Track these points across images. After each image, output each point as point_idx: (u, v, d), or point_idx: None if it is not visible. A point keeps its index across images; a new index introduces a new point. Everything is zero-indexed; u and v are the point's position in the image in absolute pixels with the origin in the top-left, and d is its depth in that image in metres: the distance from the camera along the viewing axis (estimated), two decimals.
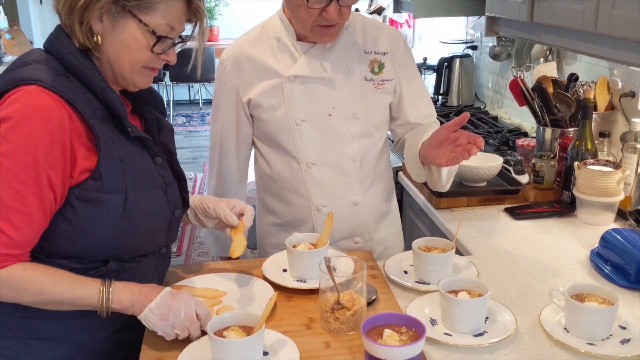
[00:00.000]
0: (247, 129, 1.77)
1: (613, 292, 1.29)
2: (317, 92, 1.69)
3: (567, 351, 1.23)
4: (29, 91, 1.14)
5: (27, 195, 1.14)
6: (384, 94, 1.76)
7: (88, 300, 1.20)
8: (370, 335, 1.17)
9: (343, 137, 1.73)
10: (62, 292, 1.18)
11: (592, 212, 1.85)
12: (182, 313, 1.21)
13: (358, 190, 1.77)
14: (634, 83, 2.08)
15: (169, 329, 1.21)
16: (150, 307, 1.21)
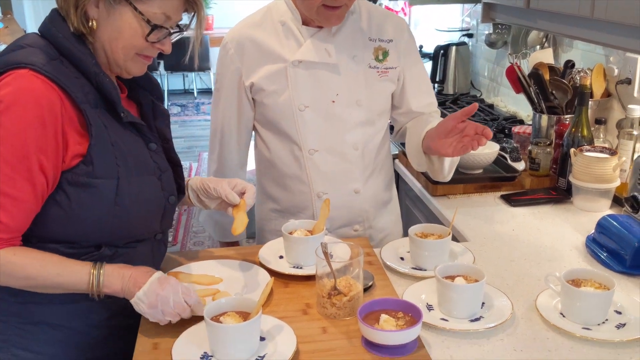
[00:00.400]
0: (248, 114, 1.76)
1: (609, 277, 1.29)
2: (321, 78, 1.68)
3: (563, 335, 1.24)
4: (20, 75, 1.13)
5: (17, 180, 1.13)
6: (387, 81, 1.75)
7: (78, 285, 1.20)
8: (367, 321, 1.17)
9: (346, 124, 1.72)
10: (52, 277, 1.18)
11: (588, 198, 1.85)
12: (170, 301, 1.20)
13: (359, 178, 1.77)
14: (630, 70, 2.07)
15: (160, 315, 1.20)
16: (138, 296, 1.20)
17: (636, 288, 1.43)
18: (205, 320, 1.12)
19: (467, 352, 1.19)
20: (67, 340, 1.28)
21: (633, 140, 1.88)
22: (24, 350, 1.25)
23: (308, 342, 1.19)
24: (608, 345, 1.20)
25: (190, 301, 1.23)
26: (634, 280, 1.46)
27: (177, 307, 1.21)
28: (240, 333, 1.11)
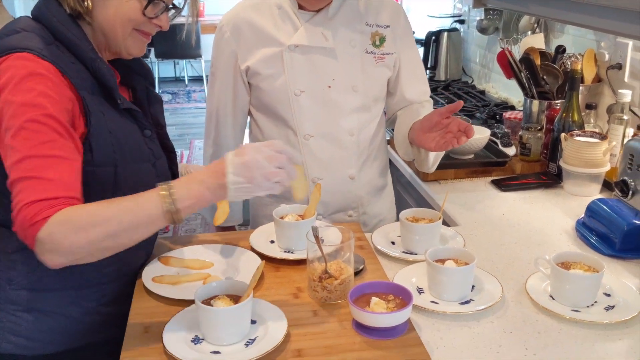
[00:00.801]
0: (244, 97, 1.75)
1: (598, 259, 1.30)
2: (318, 63, 1.67)
3: (552, 318, 1.24)
4: (22, 56, 1.11)
5: (57, 140, 1.09)
6: (383, 67, 1.75)
7: (153, 210, 1.07)
8: (358, 303, 1.18)
9: (342, 110, 1.71)
10: (127, 210, 1.07)
11: (578, 183, 1.86)
12: (261, 162, 1.10)
13: (354, 164, 1.77)
14: (621, 55, 2.08)
15: (266, 184, 1.10)
16: (231, 181, 1.09)
17: (625, 271, 1.44)
18: (196, 303, 1.12)
19: (457, 334, 1.19)
20: (62, 327, 1.27)
21: (623, 125, 1.89)
22: (18, 336, 1.25)
23: (299, 325, 1.19)
24: (597, 327, 1.21)
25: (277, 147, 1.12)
26: (623, 263, 1.47)
27: (271, 160, 1.11)
28: (231, 316, 1.11)
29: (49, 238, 1.03)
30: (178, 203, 1.08)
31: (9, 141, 1.08)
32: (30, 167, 1.06)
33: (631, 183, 1.66)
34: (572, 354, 1.14)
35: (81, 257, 1.08)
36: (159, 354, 1.11)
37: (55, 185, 1.06)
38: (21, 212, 1.04)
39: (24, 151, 1.07)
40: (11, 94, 1.09)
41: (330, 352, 1.12)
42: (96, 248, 1.07)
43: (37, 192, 1.05)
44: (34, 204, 1.04)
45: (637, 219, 1.49)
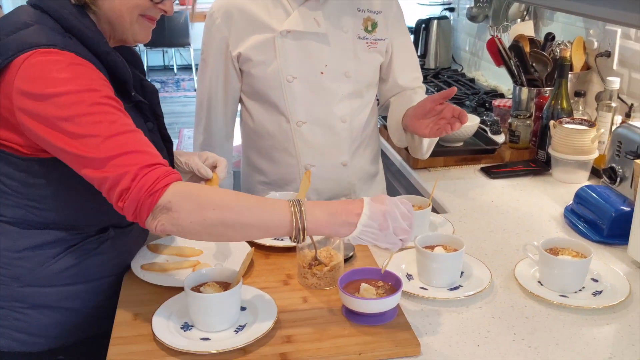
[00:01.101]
0: (235, 84, 1.74)
1: (586, 245, 1.31)
2: (310, 49, 1.66)
3: (540, 303, 1.25)
4: (48, 52, 1.08)
5: (123, 118, 1.10)
6: (376, 53, 1.74)
7: (280, 220, 1.07)
8: (347, 289, 1.18)
9: (334, 96, 1.71)
10: (250, 208, 1.07)
11: (567, 170, 1.87)
12: (397, 215, 1.09)
13: (347, 151, 1.77)
14: (610, 43, 2.08)
15: (393, 238, 1.10)
16: (363, 223, 1.07)
17: (613, 257, 1.45)
18: (185, 290, 1.12)
19: (446, 320, 1.20)
20: (65, 321, 1.26)
21: (611, 112, 1.90)
22: (22, 333, 1.24)
23: (289, 312, 1.19)
24: (584, 312, 1.22)
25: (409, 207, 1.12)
26: (611, 249, 1.48)
27: (405, 219, 1.10)
28: (221, 303, 1.11)
29: (168, 205, 1.05)
30: (308, 224, 1.08)
31: (75, 129, 1.06)
32: (119, 144, 1.07)
33: (619, 170, 1.67)
34: (559, 338, 1.15)
35: (187, 232, 1.08)
36: (149, 341, 1.11)
37: (152, 155, 1.09)
38: (135, 183, 1.05)
39: (103, 133, 1.06)
40: (57, 86, 1.07)
41: (320, 338, 1.12)
42: (206, 230, 1.07)
43: (143, 161, 1.07)
44: (147, 173, 1.05)
45: (625, 205, 1.50)
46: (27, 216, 1.19)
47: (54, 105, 1.06)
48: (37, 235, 1.20)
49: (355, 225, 1.08)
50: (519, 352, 1.11)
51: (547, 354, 1.11)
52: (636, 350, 1.12)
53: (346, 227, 1.09)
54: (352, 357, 1.08)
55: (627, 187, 1.65)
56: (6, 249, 1.20)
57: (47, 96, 1.06)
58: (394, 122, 1.74)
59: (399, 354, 1.09)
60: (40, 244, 1.21)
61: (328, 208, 1.10)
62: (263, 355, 1.07)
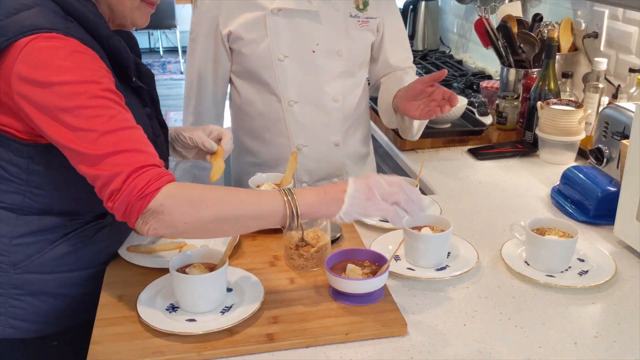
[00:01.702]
0: (225, 64, 1.72)
1: (573, 225, 1.31)
2: (302, 27, 1.64)
3: (526, 283, 1.26)
4: (50, 37, 1.05)
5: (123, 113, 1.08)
6: (367, 32, 1.73)
7: (274, 208, 1.08)
8: (334, 270, 1.17)
9: (326, 75, 1.69)
10: (245, 201, 1.08)
11: (554, 151, 1.87)
12: (382, 183, 1.10)
13: (339, 131, 1.75)
14: (597, 24, 2.08)
15: (383, 204, 1.10)
16: (350, 195, 1.09)
17: (599, 237, 1.45)
18: (170, 271, 1.11)
19: (433, 300, 1.20)
20: (62, 307, 1.25)
21: (598, 93, 1.90)
22: (20, 320, 1.22)
23: (276, 293, 1.19)
24: (570, 292, 1.23)
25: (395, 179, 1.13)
26: (597, 229, 1.49)
27: (392, 185, 1.11)
28: (206, 284, 1.10)
29: (159, 209, 1.03)
30: (300, 208, 1.08)
31: (73, 121, 1.04)
32: (115, 142, 1.04)
33: (605, 151, 1.68)
34: (545, 318, 1.15)
35: (181, 232, 1.07)
36: (133, 323, 1.10)
37: (145, 154, 1.07)
38: (126, 185, 1.03)
39: (100, 128, 1.04)
40: (59, 75, 1.04)
41: (306, 318, 1.11)
42: (202, 228, 1.07)
43: (137, 162, 1.04)
44: (139, 175, 1.03)
45: (611, 185, 1.51)
46: (26, 202, 1.18)
47: (54, 94, 1.04)
48: (35, 221, 1.19)
49: (343, 200, 1.09)
50: (505, 331, 1.11)
51: (533, 333, 1.11)
52: (621, 329, 1.13)
53: (335, 204, 1.09)
54: (339, 338, 1.08)
55: (613, 168, 1.65)
56: (4, 235, 1.18)
57: (49, 84, 1.04)
58: (385, 103, 1.73)
59: (385, 334, 1.09)
60: (37, 230, 1.19)
61: (316, 190, 1.12)
62: (250, 336, 1.07)
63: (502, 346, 1.07)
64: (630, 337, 1.10)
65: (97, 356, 1.02)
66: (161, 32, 8.18)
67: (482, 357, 1.05)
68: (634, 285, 1.26)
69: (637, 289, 1.25)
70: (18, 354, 1.25)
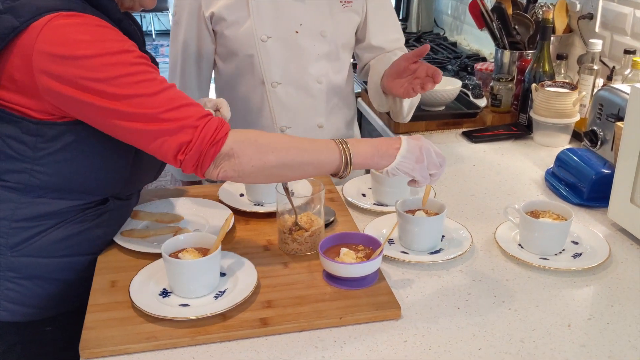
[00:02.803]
0: (209, 47, 1.70)
1: (567, 208, 1.31)
2: (284, 7, 1.62)
3: (520, 266, 1.25)
4: (71, 15, 1.06)
5: (158, 75, 1.11)
6: (351, 12, 1.71)
7: (331, 156, 1.15)
8: (328, 254, 1.17)
9: (309, 56, 1.67)
10: (306, 149, 1.15)
11: (548, 134, 1.86)
12: (432, 151, 1.19)
13: (322, 113, 1.75)
14: (592, 5, 2.06)
15: (426, 171, 1.19)
16: (402, 154, 1.17)
17: (593, 219, 1.45)
18: (163, 256, 1.10)
19: (427, 283, 1.20)
20: (57, 292, 1.24)
21: (593, 75, 1.89)
22: (15, 304, 1.22)
23: (269, 277, 1.18)
24: (564, 274, 1.23)
25: None
26: (591, 211, 1.49)
27: (438, 156, 1.20)
28: (199, 268, 1.10)
29: (230, 152, 1.10)
30: (353, 158, 1.15)
31: (115, 90, 1.05)
32: (166, 100, 1.08)
33: (600, 133, 1.67)
34: (539, 300, 1.15)
35: (248, 175, 1.13)
36: (126, 308, 1.09)
37: (199, 106, 1.12)
38: (196, 134, 1.08)
39: (148, 91, 1.07)
40: (87, 47, 1.05)
41: (300, 302, 1.11)
42: (266, 173, 1.14)
43: (197, 113, 1.10)
44: (205, 124, 1.09)
45: (605, 168, 1.50)
46: (31, 181, 1.17)
47: (85, 68, 1.04)
48: (36, 204, 1.18)
49: (394, 157, 1.17)
50: (499, 314, 1.11)
51: (527, 315, 1.11)
52: (615, 311, 1.13)
53: (386, 159, 1.17)
54: (333, 321, 1.07)
55: (607, 150, 1.65)
56: (5, 217, 1.18)
57: (76, 57, 1.04)
58: (373, 85, 1.72)
59: (379, 318, 1.09)
60: (38, 214, 1.19)
61: (370, 142, 1.19)
62: (243, 320, 1.06)
63: (495, 329, 1.07)
64: (624, 319, 1.10)
65: (89, 342, 1.01)
66: (153, 15, 8.12)
67: (476, 340, 1.05)
68: (627, 268, 1.26)
69: (630, 271, 1.25)
70: (12, 338, 1.25)
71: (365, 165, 1.18)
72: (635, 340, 1.05)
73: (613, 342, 1.05)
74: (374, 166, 1.19)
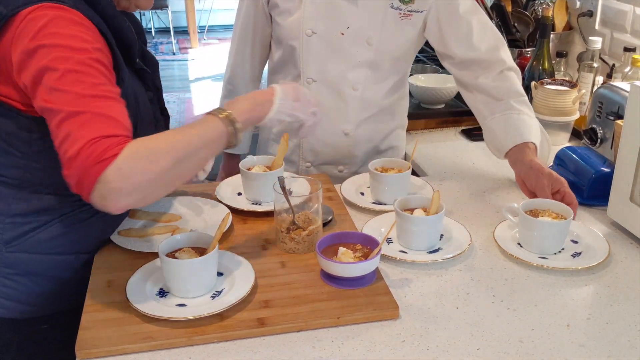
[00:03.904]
0: (264, 30, 1.72)
1: (566, 207, 1.30)
2: (336, 6, 1.59)
3: (519, 265, 1.25)
4: (54, 6, 1.05)
5: (106, 84, 1.06)
6: (408, 25, 1.62)
7: (217, 129, 1.09)
8: (326, 254, 1.16)
9: (350, 61, 1.63)
10: (191, 135, 1.08)
11: (548, 131, 1.84)
12: (306, 92, 1.24)
13: (352, 121, 1.69)
14: (592, 2, 2.06)
15: (307, 108, 1.23)
16: (279, 96, 1.19)
17: (592, 218, 1.45)
18: (160, 256, 1.09)
19: (425, 283, 1.19)
20: (53, 290, 1.24)
21: (593, 73, 1.88)
22: (10, 301, 1.22)
23: (267, 277, 1.18)
24: (563, 273, 1.22)
25: None
26: (591, 210, 1.48)
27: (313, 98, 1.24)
28: (196, 268, 1.09)
29: (116, 175, 0.97)
30: (237, 118, 1.12)
31: (54, 83, 1.02)
32: (86, 105, 1.01)
33: (600, 131, 1.67)
34: (538, 300, 1.15)
35: (147, 194, 1.03)
36: (123, 308, 1.08)
37: (116, 123, 1.02)
38: (84, 150, 0.97)
39: (78, 91, 1.02)
40: (51, 38, 1.03)
41: (298, 302, 1.11)
42: (164, 180, 1.04)
43: (100, 129, 1.00)
44: (99, 140, 0.98)
45: (605, 166, 1.50)
46: (26, 177, 1.17)
47: (42, 56, 1.02)
48: (32, 199, 1.18)
49: (273, 102, 1.18)
50: (498, 313, 1.11)
51: (525, 315, 1.10)
52: (614, 310, 1.12)
53: (266, 105, 1.18)
54: (331, 321, 1.07)
55: (607, 148, 1.64)
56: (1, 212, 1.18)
57: (40, 47, 1.03)
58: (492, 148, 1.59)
59: (377, 317, 1.08)
60: (33, 210, 1.19)
61: (245, 97, 1.19)
62: (240, 320, 1.06)
63: (494, 329, 1.07)
64: (623, 319, 1.10)
65: (86, 342, 1.01)
66: (153, 13, 8.09)
67: (475, 340, 1.04)
68: (627, 267, 1.25)
69: (630, 270, 1.24)
70: (8, 335, 1.25)
71: (250, 120, 1.15)
72: (635, 340, 1.05)
73: (612, 342, 1.04)
74: (257, 118, 1.17)
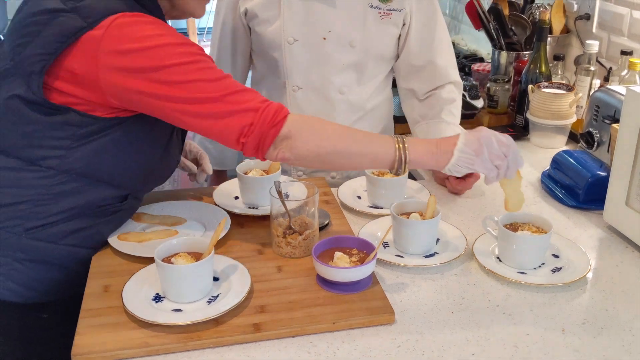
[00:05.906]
0: (243, 41, 1.72)
1: (548, 220, 1.25)
2: (316, 11, 1.59)
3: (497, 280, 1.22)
4: (136, 14, 1.13)
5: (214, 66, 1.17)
6: (389, 25, 1.63)
7: (385, 151, 1.19)
8: (322, 258, 1.16)
9: (335, 65, 1.63)
10: (359, 140, 1.20)
11: (545, 135, 1.86)
12: (493, 141, 1.19)
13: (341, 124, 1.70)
14: (589, 5, 2.06)
15: (489, 162, 1.20)
16: (459, 149, 1.19)
17: (588, 222, 1.45)
18: (155, 261, 1.10)
19: (421, 287, 1.19)
20: (58, 278, 1.26)
21: (590, 76, 1.88)
22: (18, 284, 1.23)
23: (263, 281, 1.18)
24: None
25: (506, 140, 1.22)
26: (587, 214, 1.48)
27: (501, 146, 1.20)
28: (192, 273, 1.09)
29: (288, 134, 1.15)
30: (410, 156, 1.18)
31: (179, 77, 1.11)
32: (227, 85, 1.15)
33: (596, 134, 1.67)
34: (533, 304, 1.15)
35: (304, 157, 1.19)
36: (119, 313, 1.09)
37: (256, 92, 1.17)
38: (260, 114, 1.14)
39: (211, 77, 1.14)
40: (152, 40, 1.11)
41: (294, 307, 1.11)
42: (321, 159, 1.19)
43: (257, 97, 1.16)
44: (267, 106, 1.15)
45: (602, 170, 1.50)
46: (61, 166, 1.19)
47: (150, 58, 1.11)
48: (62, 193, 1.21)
49: (452, 153, 1.19)
50: (493, 318, 1.11)
51: (521, 320, 1.10)
52: (609, 315, 1.12)
53: (445, 156, 1.19)
54: (327, 326, 1.07)
55: (604, 152, 1.64)
56: (29, 200, 1.20)
57: (143, 50, 1.11)
58: None
59: (373, 322, 1.08)
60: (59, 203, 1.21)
61: (428, 141, 1.22)
62: (236, 325, 1.06)
63: (489, 334, 1.07)
64: (619, 323, 1.10)
65: (82, 347, 1.01)
66: None
67: (470, 345, 1.04)
68: (622, 271, 1.26)
69: (625, 274, 1.24)
70: (9, 319, 1.26)
71: (422, 163, 1.21)
72: (630, 345, 1.05)
73: (607, 347, 1.04)
74: (432, 164, 1.21)
